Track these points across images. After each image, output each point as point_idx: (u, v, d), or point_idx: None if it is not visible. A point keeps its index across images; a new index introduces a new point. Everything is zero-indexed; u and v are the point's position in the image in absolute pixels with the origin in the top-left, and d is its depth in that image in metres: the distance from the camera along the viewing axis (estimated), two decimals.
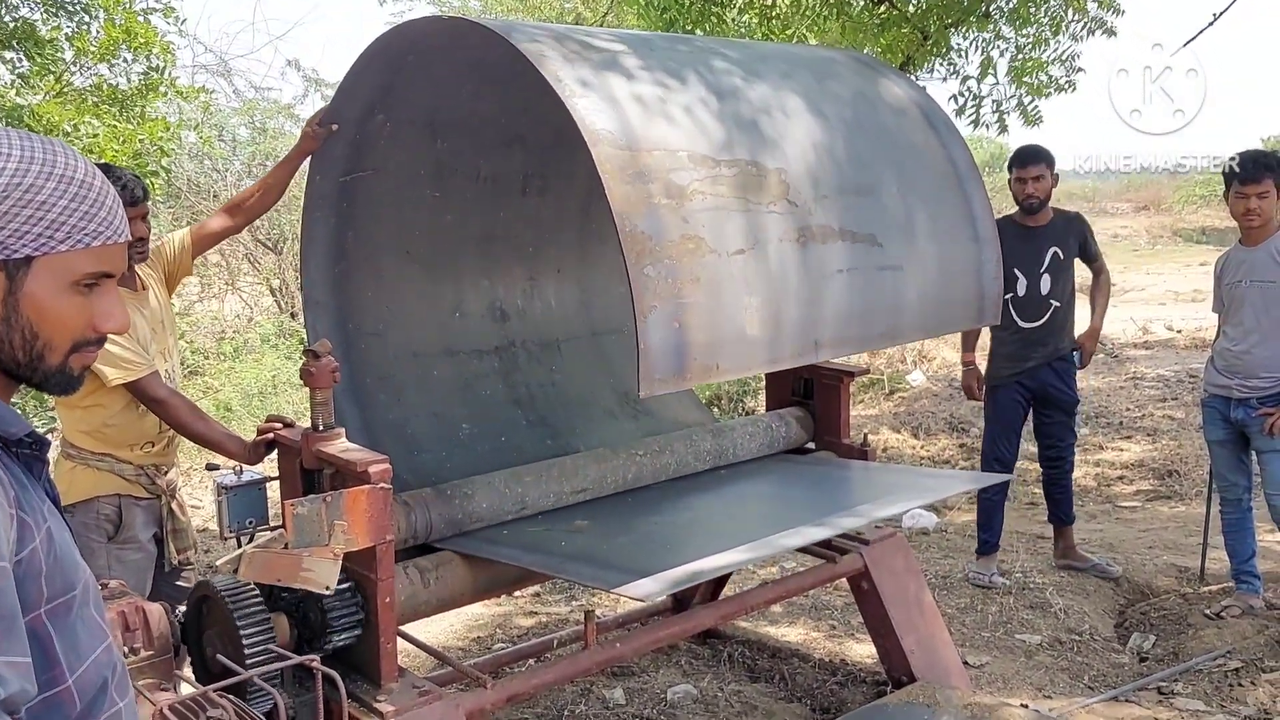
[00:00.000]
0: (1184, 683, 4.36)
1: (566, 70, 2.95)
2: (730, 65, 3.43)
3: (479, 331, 4.22)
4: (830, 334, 3.35)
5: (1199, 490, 7.16)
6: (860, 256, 3.38)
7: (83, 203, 1.38)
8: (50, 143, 1.40)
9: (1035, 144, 5.54)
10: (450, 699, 3.01)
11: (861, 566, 4.01)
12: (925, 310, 3.66)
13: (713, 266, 2.94)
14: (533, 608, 5.53)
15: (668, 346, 2.84)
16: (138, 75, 8.00)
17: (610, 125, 2.85)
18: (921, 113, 3.90)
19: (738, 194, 3.03)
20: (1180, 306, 16.61)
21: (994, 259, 3.85)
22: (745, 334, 3.06)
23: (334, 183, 3.68)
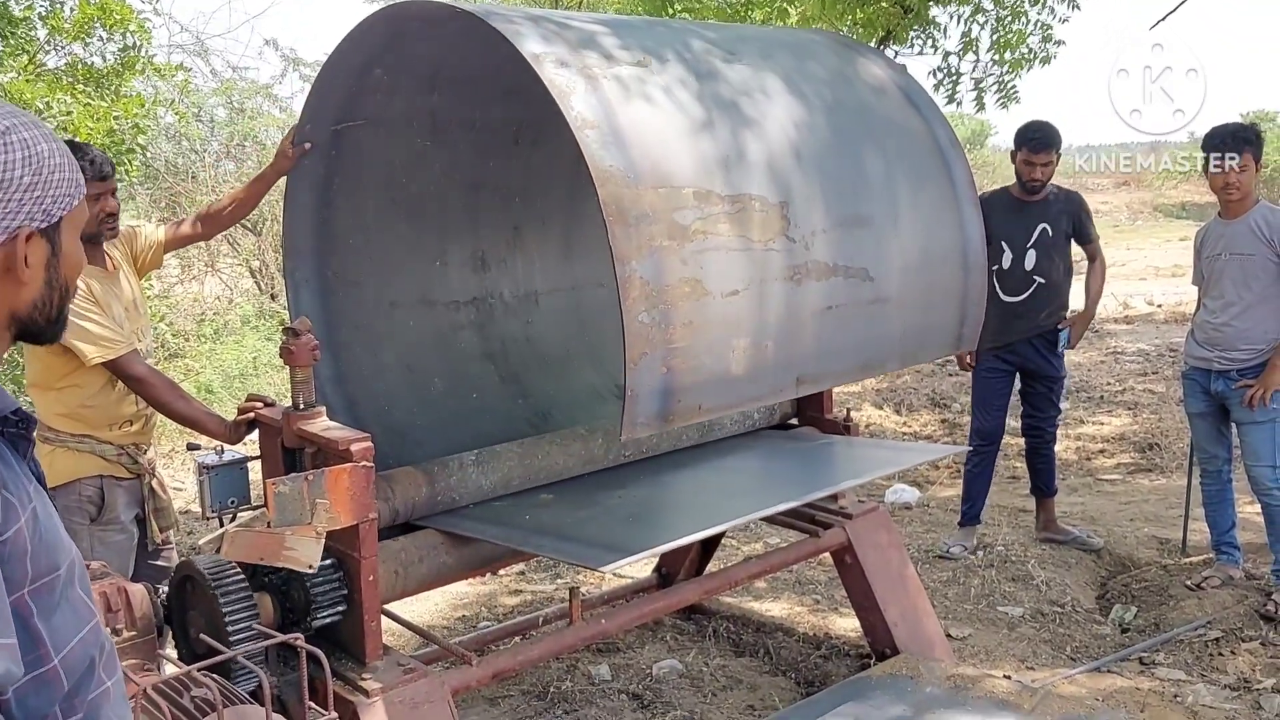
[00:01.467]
0: (1165, 653, 4.39)
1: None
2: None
3: (458, 281, 4.21)
4: (812, 370, 3.41)
5: (1179, 463, 7.21)
6: (850, 292, 3.39)
7: (68, 156, 1.44)
8: (16, 109, 1.42)
9: (1045, 124, 5.45)
10: (435, 676, 3.01)
11: (845, 541, 4.03)
12: (906, 340, 3.71)
13: (706, 309, 2.95)
14: (517, 586, 5.53)
15: (654, 391, 2.87)
16: (113, 54, 7.91)
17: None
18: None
19: (739, 232, 3.01)
20: (1160, 281, 16.71)
21: (979, 283, 3.88)
22: (730, 374, 3.10)
23: (325, 131, 3.64)
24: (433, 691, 2.96)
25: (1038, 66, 8.16)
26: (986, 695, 3.58)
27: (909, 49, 8.37)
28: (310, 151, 3.63)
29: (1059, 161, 5.47)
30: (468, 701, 4.06)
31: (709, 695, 4.13)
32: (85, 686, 1.41)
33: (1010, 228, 5.36)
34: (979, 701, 3.54)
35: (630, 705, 4.08)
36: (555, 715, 4.04)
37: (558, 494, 3.63)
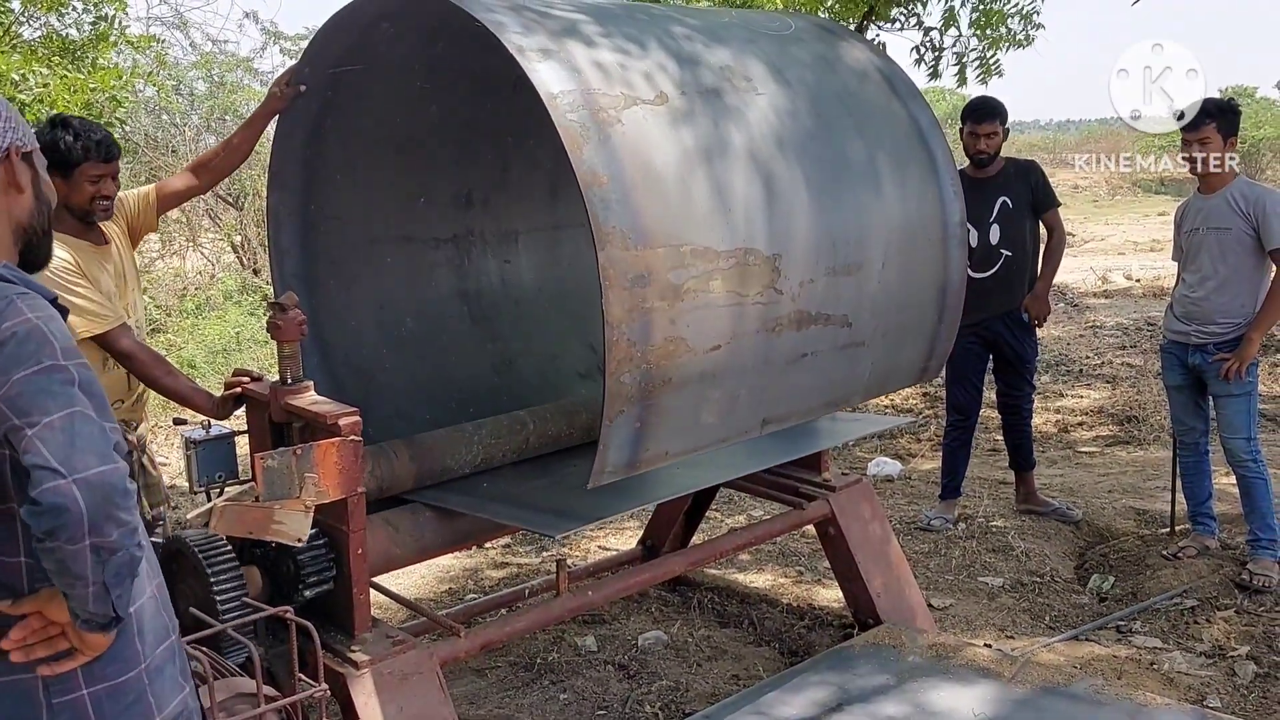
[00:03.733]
0: (1142, 621, 4.46)
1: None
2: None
3: (440, 218, 4.23)
4: (779, 412, 3.48)
5: (1157, 435, 7.30)
6: (828, 339, 3.42)
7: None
8: None
9: (989, 97, 5.56)
10: (424, 648, 3.04)
11: (829, 512, 4.07)
12: (873, 378, 3.77)
13: (686, 366, 2.97)
14: (503, 559, 5.56)
15: (625, 443, 2.93)
16: (88, 25, 7.83)
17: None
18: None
19: (730, 288, 3.02)
20: (1139, 256, 16.84)
21: (952, 322, 3.92)
22: (700, 422, 3.16)
23: (323, 74, 3.62)
24: (421, 663, 2.98)
25: (1015, 49, 8.19)
26: (968, 664, 3.63)
27: (892, 25, 8.37)
28: (304, 94, 3.61)
29: (1006, 135, 5.49)
30: (455, 673, 4.09)
31: (694, 665, 4.17)
32: None
33: (971, 206, 5.35)
34: (961, 670, 3.59)
35: (616, 675, 4.13)
36: (542, 686, 4.08)
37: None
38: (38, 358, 1.56)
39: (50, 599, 1.66)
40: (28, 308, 1.61)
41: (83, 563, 1.53)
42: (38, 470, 1.49)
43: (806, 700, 3.49)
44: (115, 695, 1.73)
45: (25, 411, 1.53)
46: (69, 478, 1.49)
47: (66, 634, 1.67)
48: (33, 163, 1.80)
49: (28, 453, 1.51)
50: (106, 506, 1.52)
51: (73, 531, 1.50)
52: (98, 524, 1.51)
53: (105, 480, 1.52)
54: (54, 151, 3.26)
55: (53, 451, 1.50)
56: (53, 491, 1.48)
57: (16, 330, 1.57)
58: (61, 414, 1.53)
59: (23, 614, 1.67)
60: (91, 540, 1.52)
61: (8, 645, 1.66)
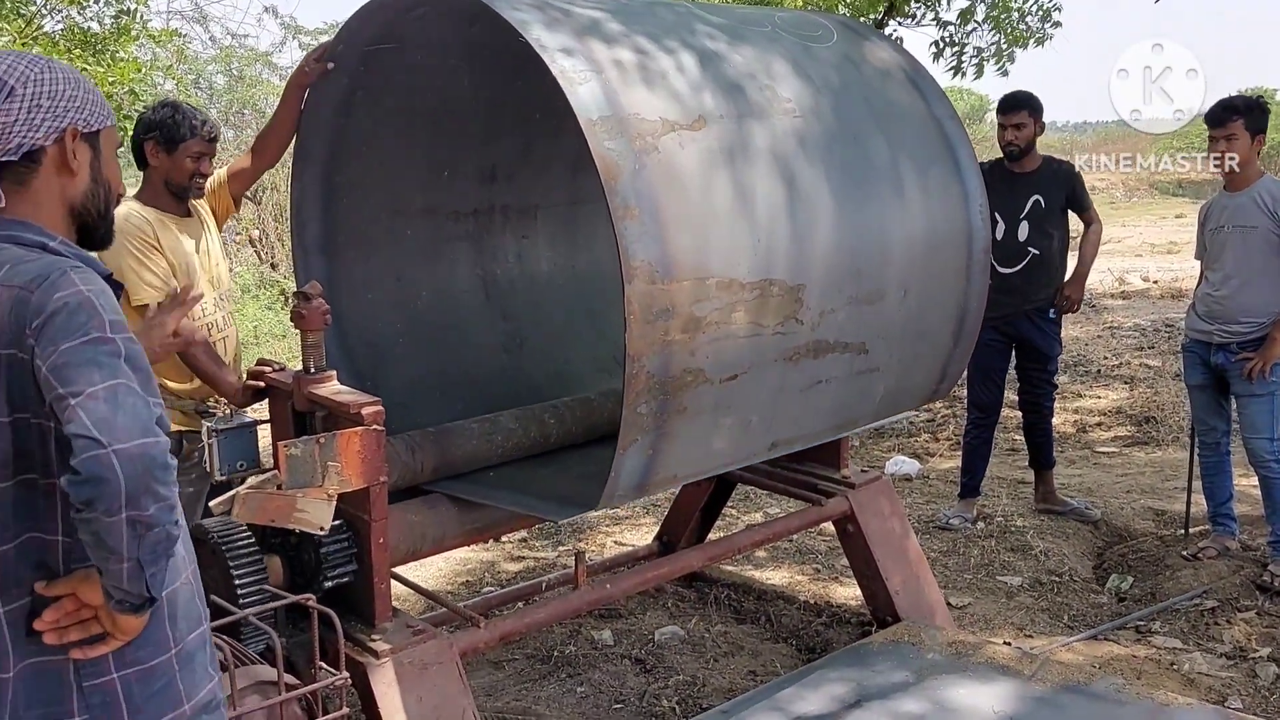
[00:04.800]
0: (1161, 622, 4.44)
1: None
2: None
3: (464, 192, 4.23)
4: (788, 434, 3.51)
5: (1175, 436, 7.26)
6: (843, 366, 3.41)
7: (98, 91, 1.83)
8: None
9: (1022, 90, 5.51)
10: (444, 638, 3.04)
11: (848, 509, 4.05)
12: (884, 401, 3.78)
13: (702, 396, 2.98)
14: (519, 553, 5.56)
15: (636, 469, 2.97)
16: (110, 19, 7.86)
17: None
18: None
19: (752, 319, 3.02)
20: (1156, 258, 16.76)
21: (966, 349, 3.92)
22: (710, 447, 3.20)
23: (357, 51, 3.61)
24: (441, 652, 2.98)
25: (1033, 46, 8.16)
26: (987, 661, 3.61)
27: (910, 21, 8.35)
28: (334, 70, 3.61)
29: (1039, 126, 5.45)
30: (472, 664, 4.09)
31: (711, 661, 4.16)
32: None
33: (1002, 199, 5.33)
34: (980, 667, 3.58)
35: (633, 669, 4.12)
36: (559, 679, 4.08)
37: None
38: (86, 329, 1.57)
39: (84, 581, 1.66)
40: (80, 280, 1.62)
41: (118, 536, 1.53)
42: (79, 439, 1.50)
43: (825, 696, 3.47)
44: (145, 679, 1.73)
45: (70, 381, 1.53)
46: (109, 447, 1.50)
47: (99, 617, 1.66)
48: (95, 144, 1.80)
49: (70, 421, 1.51)
50: (145, 479, 1.53)
51: (110, 502, 1.50)
52: (136, 496, 1.52)
53: (146, 452, 1.53)
54: (161, 128, 3.50)
55: (94, 421, 1.50)
56: (93, 460, 1.49)
57: (68, 301, 1.58)
58: (105, 385, 1.53)
59: (57, 595, 1.67)
60: (129, 513, 1.52)
61: (41, 626, 1.66)
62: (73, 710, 1.69)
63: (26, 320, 1.58)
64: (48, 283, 1.60)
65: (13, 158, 1.70)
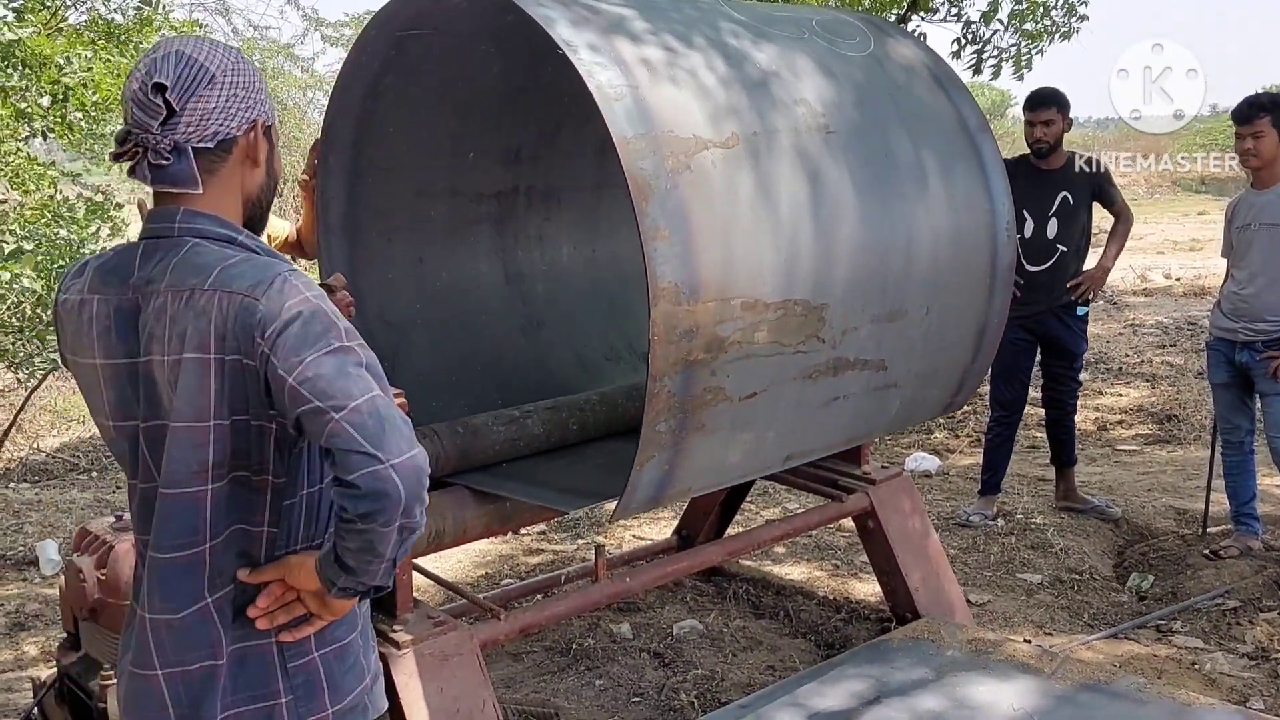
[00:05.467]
0: (1182, 621, 4.41)
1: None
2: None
3: (488, 173, 4.22)
4: (803, 448, 3.52)
5: (1197, 435, 7.22)
6: (862, 382, 3.40)
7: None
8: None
9: (1049, 86, 5.47)
10: (465, 629, 3.05)
11: (868, 505, 4.04)
12: (899, 414, 3.78)
13: (721, 414, 2.98)
14: (538, 545, 5.58)
15: (652, 483, 2.98)
16: (133, 10, 7.89)
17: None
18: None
19: (774, 338, 3.00)
20: (1178, 255, 16.66)
21: (984, 365, 3.91)
22: (726, 462, 3.20)
23: (389, 37, 3.59)
24: (462, 644, 2.99)
25: (1058, 40, 8.09)
26: (1007, 659, 3.60)
27: (934, 16, 8.30)
28: (366, 56, 3.62)
29: (1067, 123, 5.42)
30: (492, 657, 4.10)
31: (729, 655, 4.16)
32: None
33: (1030, 196, 5.30)
34: (1000, 665, 3.56)
35: (652, 663, 4.13)
36: (578, 671, 4.09)
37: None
38: (327, 339, 1.59)
39: (295, 567, 1.70)
40: (303, 285, 1.63)
41: (388, 542, 1.57)
42: (353, 454, 1.52)
43: (844, 692, 3.47)
44: (341, 656, 1.80)
45: (327, 394, 1.55)
46: (387, 463, 1.53)
47: (303, 600, 1.71)
48: (271, 137, 1.82)
49: (337, 436, 1.53)
50: (418, 489, 1.57)
51: (389, 515, 1.54)
52: (410, 506, 1.56)
53: (416, 464, 1.57)
54: None
55: (367, 437, 1.53)
56: (373, 476, 1.52)
57: (301, 310, 1.60)
58: (365, 398, 1.56)
59: (263, 582, 1.71)
60: (402, 521, 1.56)
61: (255, 613, 1.70)
62: (279, 691, 1.73)
63: (256, 328, 1.59)
64: (273, 289, 1.61)
65: (209, 144, 1.70)
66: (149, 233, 1.74)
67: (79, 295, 1.76)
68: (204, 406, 1.62)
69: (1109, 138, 34.42)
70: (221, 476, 1.66)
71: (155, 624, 1.69)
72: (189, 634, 1.68)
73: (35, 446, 8.38)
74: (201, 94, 1.67)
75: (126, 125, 1.69)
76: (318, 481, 1.75)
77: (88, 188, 7.83)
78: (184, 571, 1.67)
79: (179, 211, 1.71)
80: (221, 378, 1.62)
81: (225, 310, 1.60)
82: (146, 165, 1.68)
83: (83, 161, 8.93)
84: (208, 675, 1.69)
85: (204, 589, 1.68)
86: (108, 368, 1.73)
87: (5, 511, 6.58)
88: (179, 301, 1.64)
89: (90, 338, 1.73)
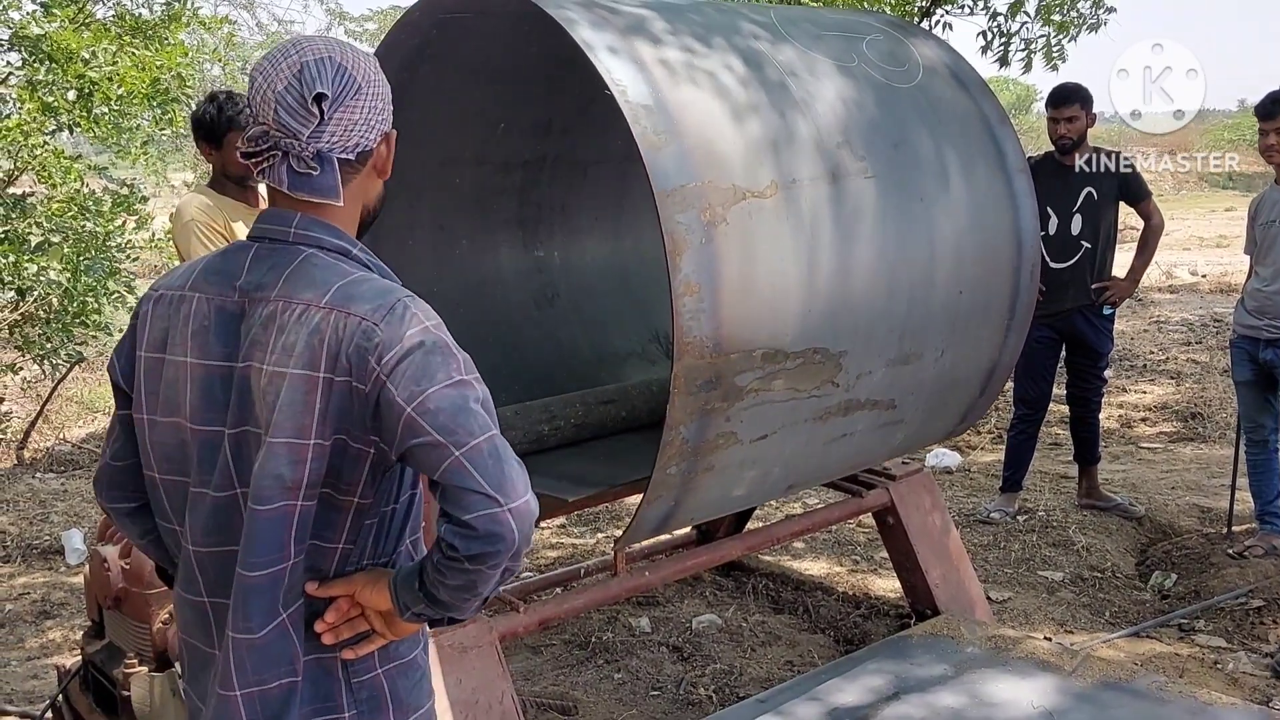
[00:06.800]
0: (1205, 620, 4.39)
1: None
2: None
3: (517, 144, 4.22)
4: (805, 479, 3.58)
5: (1222, 433, 7.16)
6: (871, 420, 3.40)
7: None
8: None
9: (1073, 82, 5.43)
10: (484, 621, 3.06)
11: (888, 501, 4.04)
12: (903, 445, 3.82)
13: (731, 455, 2.99)
14: (558, 539, 5.59)
15: (657, 518, 3.02)
16: (160, 6, 7.95)
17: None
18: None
19: (790, 385, 3.00)
20: (1205, 251, 16.51)
21: (990, 401, 3.92)
22: (730, 495, 3.22)
23: (431, 18, 3.57)
24: (481, 636, 3.01)
25: (1085, 33, 8.02)
26: (1027, 656, 3.59)
27: (959, 9, 8.24)
28: (407, 29, 3.60)
29: (1090, 119, 5.38)
30: (511, 649, 4.12)
31: (748, 650, 4.17)
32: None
33: (1055, 193, 5.27)
34: (1019, 662, 3.55)
35: (670, 657, 4.14)
36: (597, 665, 4.10)
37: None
38: (448, 371, 1.55)
39: (365, 585, 1.66)
40: (422, 314, 1.61)
41: (490, 583, 1.56)
42: (472, 495, 1.50)
43: (863, 688, 3.46)
44: (405, 673, 1.76)
45: (448, 430, 1.51)
46: (504, 506, 1.50)
47: (368, 618, 1.67)
48: (391, 145, 1.78)
49: (455, 473, 1.50)
50: (530, 534, 1.54)
51: (500, 559, 1.52)
52: (519, 552, 1.54)
53: (530, 509, 1.54)
54: (203, 126, 3.58)
55: (487, 478, 1.50)
56: (491, 519, 1.49)
57: (423, 340, 1.57)
58: (484, 436, 1.53)
59: (331, 596, 1.67)
60: (509, 564, 1.55)
61: (322, 627, 1.67)
62: (342, 706, 1.70)
63: (372, 353, 1.55)
64: (394, 315, 1.58)
65: (350, 156, 1.67)
66: (261, 233, 1.70)
67: (179, 291, 1.72)
68: (307, 425, 1.57)
69: (1135, 134, 34.17)
70: (313, 495, 1.61)
71: (239, 643, 1.64)
72: (271, 650, 1.64)
73: (61, 437, 8.46)
74: (349, 104, 1.64)
75: (263, 125, 1.63)
76: (394, 500, 1.71)
77: (113, 181, 7.90)
78: (268, 588, 1.63)
79: (296, 217, 1.67)
80: (329, 398, 1.58)
81: (341, 331, 1.57)
82: (285, 170, 1.64)
83: (109, 155, 9.00)
84: (288, 692, 1.66)
85: (279, 604, 1.64)
86: (199, 367, 1.67)
87: (32, 501, 6.65)
88: (290, 313, 1.60)
89: (184, 334, 1.69)
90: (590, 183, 4.52)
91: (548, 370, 4.32)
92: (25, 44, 6.70)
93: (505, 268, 4.33)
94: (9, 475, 7.40)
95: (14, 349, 7.91)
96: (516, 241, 4.37)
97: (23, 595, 5.18)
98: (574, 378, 4.31)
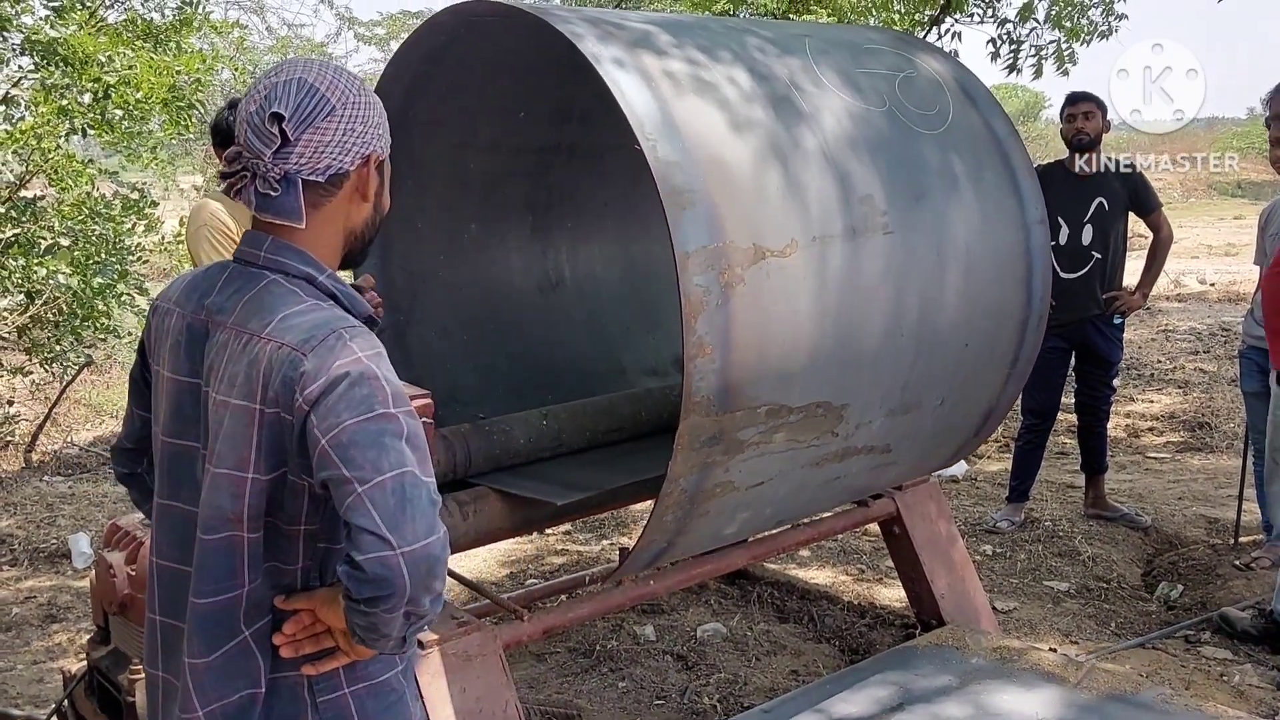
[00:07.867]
0: (1211, 632, 4.37)
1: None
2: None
3: (534, 129, 4.21)
4: (795, 516, 3.65)
5: (1229, 443, 7.14)
6: (866, 464, 3.41)
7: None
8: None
9: (1086, 90, 5.47)
10: (488, 630, 3.07)
11: (894, 511, 4.03)
12: (891, 482, 3.89)
13: (727, 501, 3.02)
14: (563, 546, 5.59)
15: (650, 557, 3.09)
16: (171, 10, 7.98)
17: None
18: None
19: (791, 437, 3.00)
20: (1213, 260, 16.47)
21: (986, 436, 3.93)
22: (722, 534, 3.28)
23: (464, 20, 3.54)
24: (485, 644, 3.01)
25: (1096, 40, 8.02)
26: (1032, 667, 3.58)
27: (968, 18, 8.25)
28: (435, 27, 3.58)
29: (1106, 125, 5.39)
30: (515, 657, 4.12)
31: (753, 659, 4.17)
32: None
33: (1066, 202, 5.26)
34: (1024, 673, 3.55)
35: (675, 666, 4.13)
36: (601, 673, 4.10)
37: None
38: (369, 404, 1.52)
39: (325, 603, 1.64)
40: (358, 346, 1.57)
41: (393, 626, 1.52)
42: (365, 535, 1.46)
43: (868, 698, 3.46)
44: (376, 694, 1.73)
45: (355, 464, 1.48)
46: (397, 550, 1.46)
47: (333, 635, 1.65)
48: (383, 172, 1.76)
49: (354, 510, 1.47)
50: (428, 579, 1.49)
51: (393, 603, 1.48)
52: (416, 596, 1.49)
53: (430, 553, 1.49)
54: (218, 132, 3.60)
55: (383, 517, 1.46)
56: (379, 562, 1.45)
57: (349, 371, 1.53)
58: (393, 474, 1.48)
59: (295, 610, 1.66)
60: (406, 609, 1.50)
61: (280, 640, 1.65)
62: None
63: (297, 383, 1.53)
64: (323, 347, 1.55)
65: (319, 178, 1.65)
66: (239, 254, 1.72)
67: (168, 304, 1.76)
68: (245, 458, 1.58)
69: (1144, 140, 34.10)
70: (257, 529, 1.61)
71: (194, 668, 1.64)
72: (230, 667, 1.64)
73: (69, 440, 8.49)
74: (319, 126, 1.62)
75: (238, 146, 1.65)
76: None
77: (124, 185, 7.93)
78: (223, 613, 1.63)
79: (267, 240, 1.68)
80: (262, 430, 1.58)
81: (272, 361, 1.56)
82: (253, 191, 1.65)
83: (120, 159, 9.03)
84: (247, 702, 1.65)
85: (240, 624, 1.64)
86: (171, 382, 1.71)
87: (39, 504, 6.67)
88: (239, 342, 1.61)
89: (165, 347, 1.73)
90: (606, 167, 4.50)
91: (548, 354, 4.35)
92: (38, 48, 6.72)
93: (513, 253, 4.34)
94: (16, 478, 7.42)
95: (22, 352, 7.94)
96: (524, 225, 4.38)
97: (29, 599, 5.19)
98: (575, 362, 4.36)
